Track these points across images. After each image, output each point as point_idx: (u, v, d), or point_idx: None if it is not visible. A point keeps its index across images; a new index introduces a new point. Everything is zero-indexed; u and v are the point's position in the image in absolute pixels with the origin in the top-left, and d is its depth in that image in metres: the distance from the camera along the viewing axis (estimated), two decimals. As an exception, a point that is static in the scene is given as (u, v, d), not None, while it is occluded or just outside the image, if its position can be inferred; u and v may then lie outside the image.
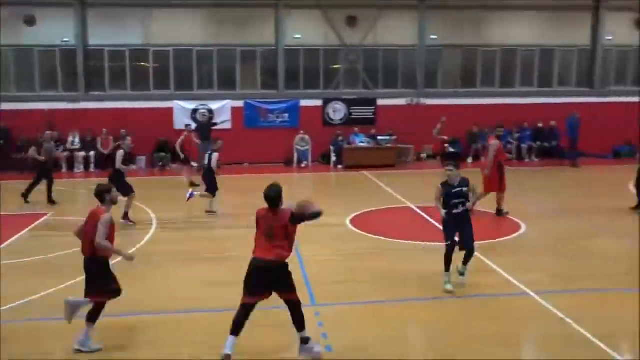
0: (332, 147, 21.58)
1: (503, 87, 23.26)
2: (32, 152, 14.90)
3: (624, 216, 13.29)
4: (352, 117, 22.37)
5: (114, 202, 6.85)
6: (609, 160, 22.54)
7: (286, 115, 22.15)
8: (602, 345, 6.72)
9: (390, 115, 22.12)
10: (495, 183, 13.18)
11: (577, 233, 11.96)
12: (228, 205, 14.24)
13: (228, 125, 20.84)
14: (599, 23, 23.18)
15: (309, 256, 10.16)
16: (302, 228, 6.53)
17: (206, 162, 13.62)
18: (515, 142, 22.46)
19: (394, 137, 21.56)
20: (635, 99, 23.24)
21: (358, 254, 10.48)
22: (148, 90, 21.73)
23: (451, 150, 22.36)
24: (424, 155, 22.53)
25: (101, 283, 6.49)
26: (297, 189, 17.92)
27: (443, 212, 8.35)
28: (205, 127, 20.03)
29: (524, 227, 12.21)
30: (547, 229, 12.41)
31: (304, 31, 22.12)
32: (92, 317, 6.50)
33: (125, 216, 12.47)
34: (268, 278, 6.22)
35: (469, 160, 21.94)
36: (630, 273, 9.34)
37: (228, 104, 21.79)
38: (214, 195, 13.62)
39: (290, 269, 6.41)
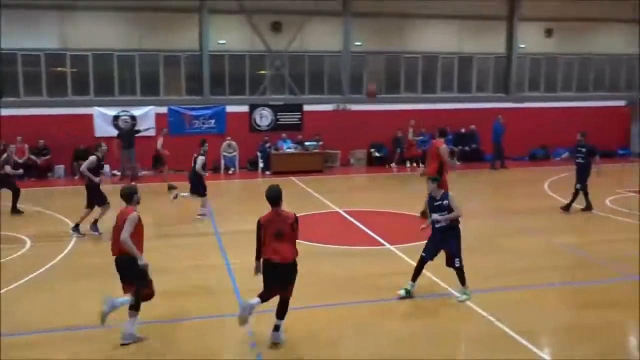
0: (259, 153, 21.50)
1: (425, 92, 23.92)
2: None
3: (540, 215, 13.95)
4: (279, 122, 22.37)
5: (138, 202, 7.26)
6: (525, 162, 23.62)
7: (212, 121, 21.87)
8: (522, 340, 7.01)
9: (316, 120, 22.28)
10: (443, 185, 13.48)
11: (498, 232, 12.43)
12: (155, 214, 13.89)
13: (152, 132, 20.33)
14: (513, 32, 24.27)
15: (238, 263, 10.06)
16: (228, 235, 6.44)
17: (194, 164, 13.78)
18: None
19: (320, 143, 21.72)
20: (547, 104, 24.50)
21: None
22: (66, 96, 20.88)
23: (377, 154, 22.84)
24: (352, 160, 22.80)
25: (137, 277, 6.87)
26: (225, 196, 17.71)
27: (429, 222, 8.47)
28: (127, 134, 19.47)
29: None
30: (470, 229, 12.79)
31: (229, 37, 21.93)
32: (136, 307, 6.91)
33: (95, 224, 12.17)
34: (280, 276, 6.77)
35: (393, 165, 22.42)
36: (547, 269, 9.81)
37: (151, 110, 21.27)
38: (201, 195, 13.77)
39: (296, 268, 6.89)
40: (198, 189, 13.76)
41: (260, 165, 21.33)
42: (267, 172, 21.00)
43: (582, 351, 6.88)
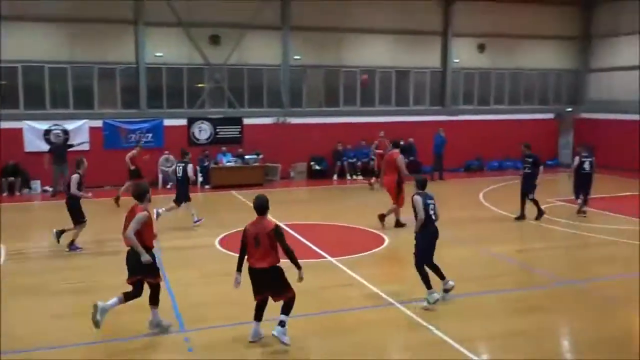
0: (198, 167, 21.18)
1: (364, 106, 24.26)
2: None
3: (476, 225, 14.32)
4: (219, 136, 22.14)
5: (149, 201, 7.84)
6: (461, 173, 24.24)
7: (149, 135, 21.42)
8: (461, 348, 7.16)
9: (257, 134, 22.19)
10: (395, 196, 13.89)
11: (438, 242, 12.66)
12: (90, 231, 13.44)
13: (86, 147, 19.73)
14: (448, 47, 24.98)
15: (177, 279, 9.86)
16: (168, 251, 6.31)
17: (180, 173, 14.29)
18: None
19: (261, 156, 21.64)
20: (481, 117, 25.29)
21: (227, 276, 10.25)
22: (-7, 109, 20.02)
23: (317, 168, 22.95)
24: (292, 173, 22.79)
25: (151, 268, 7.53)
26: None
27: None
28: (60, 149, 18.82)
29: (387, 240, 12.72)
30: (409, 240, 13.01)
31: (166, 49, 21.58)
32: (154, 300, 7.65)
33: (72, 244, 12.06)
34: (260, 282, 7.16)
35: (335, 177, 22.59)
36: (483, 278, 10.07)
37: (85, 124, 20.62)
38: (179, 205, 14.31)
39: (279, 270, 7.19)
40: (187, 196, 14.30)
41: (200, 179, 21.03)
42: (207, 187, 20.72)
43: (517, 356, 7.09)
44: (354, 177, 22.71)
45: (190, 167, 14.31)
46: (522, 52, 26.33)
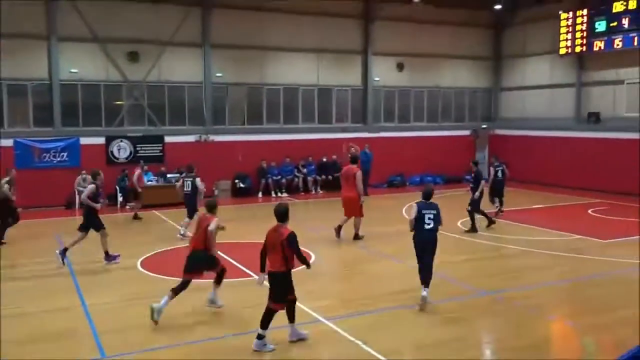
0: (117, 187, 20.51)
1: (287, 123, 24.35)
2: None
3: (399, 239, 14.59)
4: (139, 154, 21.52)
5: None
6: (383, 189, 24.71)
7: (65, 154, 20.55)
8: (388, 361, 7.23)
9: (179, 152, 21.76)
10: (358, 209, 14.31)
11: (362, 258, 12.83)
12: (10, 255, 12.70)
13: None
14: (368, 66, 25.56)
15: (97, 304, 9.47)
16: (88, 274, 6.03)
17: (188, 187, 14.76)
18: (302, 176, 23.53)
19: (184, 174, 21.17)
20: (401, 134, 25.96)
21: (149, 298, 9.96)
22: None
23: (241, 185, 22.75)
24: (216, 191, 22.47)
25: (210, 264, 9.00)
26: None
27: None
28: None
29: (313, 256, 12.73)
30: (335, 256, 13.12)
31: (82, 65, 20.86)
32: (219, 280, 9.19)
33: (107, 255, 12.44)
34: (271, 284, 7.73)
35: (259, 195, 22.47)
36: (406, 291, 10.24)
37: (-5, 143, 19.56)
38: (192, 218, 14.24)
39: (283, 277, 7.64)
40: (195, 209, 14.44)
41: (120, 199, 20.35)
42: (128, 206, 20.06)
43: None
44: (279, 194, 22.68)
45: (198, 180, 14.66)
46: (440, 71, 27.34)
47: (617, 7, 22.04)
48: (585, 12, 23.36)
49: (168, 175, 20.79)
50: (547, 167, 24.40)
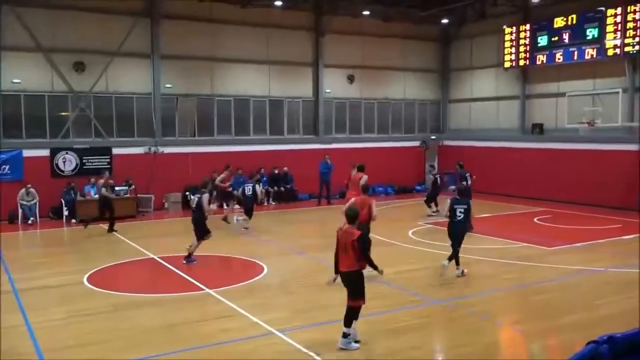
0: (63, 200, 19.91)
1: (238, 135, 24.19)
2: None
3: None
4: (86, 167, 20.97)
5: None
6: (336, 200, 24.72)
7: (6, 167, 19.81)
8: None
9: (127, 164, 21.31)
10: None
11: (314, 269, 12.81)
12: None
13: None
14: (319, 78, 25.71)
15: (41, 322, 9.13)
16: (33, 290, 5.81)
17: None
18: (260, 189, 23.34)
19: (132, 187, 20.78)
20: (353, 145, 26.14)
21: (96, 314, 9.70)
22: None
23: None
24: (166, 204, 22.08)
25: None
26: (23, 250, 16.10)
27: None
28: None
29: (266, 268, 12.65)
30: (287, 267, 13.06)
31: (25, 75, 20.21)
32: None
33: (189, 256, 13.03)
34: (345, 283, 8.09)
35: (211, 206, 22.13)
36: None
37: None
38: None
39: (358, 275, 7.99)
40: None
41: (65, 213, 19.75)
42: (73, 220, 19.47)
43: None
44: (230, 206, 22.44)
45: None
46: (389, 83, 27.75)
47: (558, 23, 22.91)
48: (528, 27, 24.17)
49: (116, 188, 20.28)
50: (494, 177, 24.99)
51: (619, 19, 20.86)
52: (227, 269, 13.23)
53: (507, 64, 25.20)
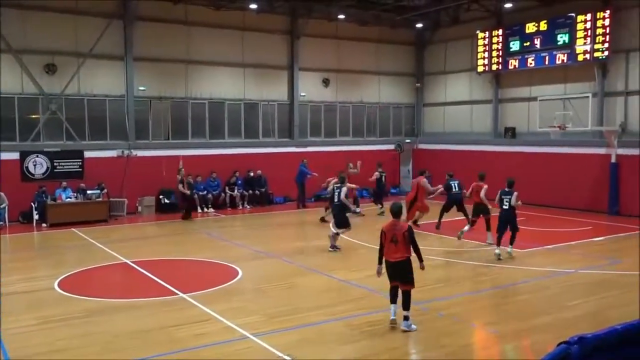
0: (33, 204, 19.55)
1: (213, 138, 24.05)
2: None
3: (327, 254, 14.67)
4: (57, 170, 20.61)
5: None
6: (310, 203, 24.72)
7: (-25, 170, 19.41)
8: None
9: (100, 167, 21.02)
10: (425, 206, 17.79)
11: (288, 272, 12.79)
12: None
13: None
14: (294, 81, 25.71)
15: (11, 328, 8.94)
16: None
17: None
18: (234, 193, 23.26)
19: (104, 191, 20.50)
20: (328, 148, 26.18)
21: (68, 320, 9.54)
22: None
23: (166, 201, 22.21)
24: (140, 208, 21.82)
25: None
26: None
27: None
28: None
29: (241, 272, 12.59)
30: (263, 271, 13.01)
31: (-5, 77, 19.86)
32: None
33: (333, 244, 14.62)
34: (395, 272, 8.93)
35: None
36: (335, 305, 10.30)
37: None
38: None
39: (410, 262, 8.87)
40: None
41: (36, 217, 19.40)
42: (44, 225, 19.14)
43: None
44: (205, 210, 22.32)
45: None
46: (364, 87, 27.87)
47: (530, 28, 23.27)
48: (500, 32, 24.50)
49: (88, 192, 20.00)
50: (468, 180, 25.15)
51: (588, 24, 21.28)
52: (202, 273, 13.12)
53: (480, 69, 25.51)
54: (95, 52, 21.20)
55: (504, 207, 13.60)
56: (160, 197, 22.26)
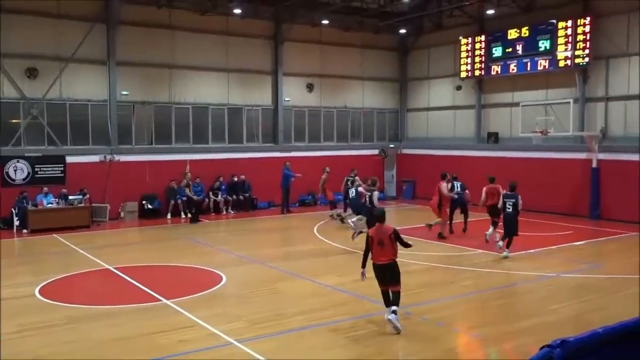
0: (14, 210, 19.31)
1: (197, 142, 23.94)
2: None
3: (311, 259, 14.67)
4: (38, 175, 20.37)
5: None
6: (295, 208, 24.72)
7: (-46, 176, 19.14)
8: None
9: (82, 172, 20.81)
10: (445, 212, 17.35)
11: (272, 278, 12.75)
12: None
13: None
14: (278, 86, 25.71)
15: (-11, 337, 8.80)
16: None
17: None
18: (218, 198, 23.17)
19: (87, 196, 20.31)
20: (312, 153, 26.18)
21: (49, 327, 9.43)
22: None
23: (149, 206, 22.06)
24: (122, 213, 21.64)
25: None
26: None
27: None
28: None
29: (225, 278, 12.53)
30: (246, 277, 12.96)
31: (-25, 81, 19.62)
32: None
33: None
34: (384, 274, 9.07)
35: (168, 216, 21.87)
36: (319, 310, 10.29)
37: None
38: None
39: (397, 264, 9.08)
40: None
41: (16, 223, 19.15)
42: (25, 231, 18.90)
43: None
44: (189, 215, 22.19)
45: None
46: (348, 92, 27.95)
47: (512, 35, 23.51)
48: (483, 38, 24.73)
49: (70, 197, 19.80)
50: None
51: (569, 31, 21.56)
52: (185, 279, 13.04)
53: (463, 74, 25.71)
54: (78, 57, 21.04)
55: (507, 209, 14.16)
56: (143, 202, 22.09)
